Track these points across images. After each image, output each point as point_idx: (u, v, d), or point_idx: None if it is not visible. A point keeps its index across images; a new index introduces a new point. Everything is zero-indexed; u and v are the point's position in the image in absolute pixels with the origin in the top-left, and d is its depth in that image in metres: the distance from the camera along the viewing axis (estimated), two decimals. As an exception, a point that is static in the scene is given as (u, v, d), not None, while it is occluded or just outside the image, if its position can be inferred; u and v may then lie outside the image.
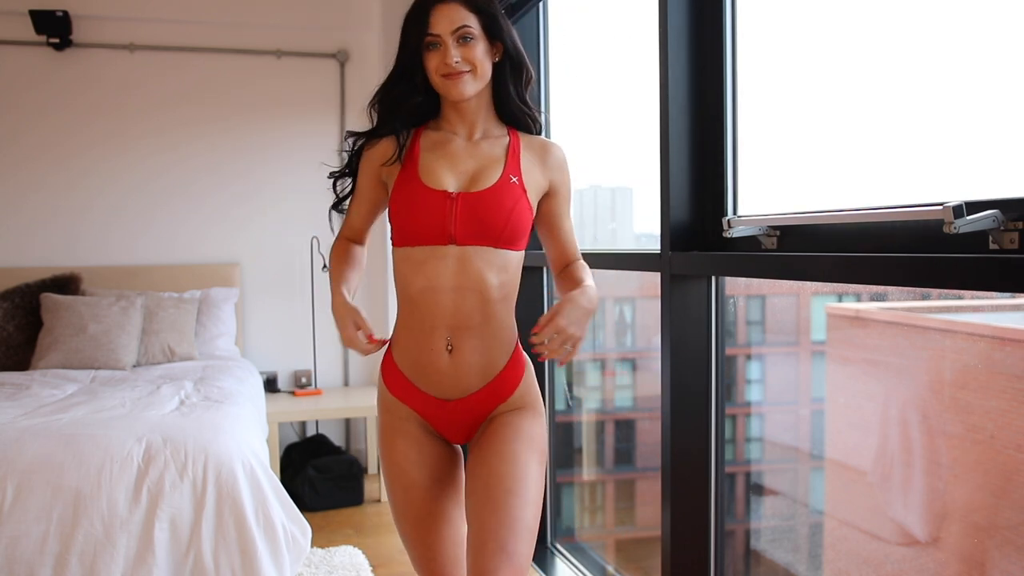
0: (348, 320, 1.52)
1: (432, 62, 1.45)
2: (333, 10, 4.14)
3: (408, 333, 1.50)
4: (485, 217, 1.42)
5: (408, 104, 1.50)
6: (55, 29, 3.70)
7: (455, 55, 1.42)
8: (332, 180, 1.62)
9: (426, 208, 1.44)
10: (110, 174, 3.91)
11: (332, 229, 1.68)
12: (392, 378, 1.53)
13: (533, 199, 1.50)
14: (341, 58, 4.16)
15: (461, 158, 1.49)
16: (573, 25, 2.99)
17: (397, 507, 1.52)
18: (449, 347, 1.46)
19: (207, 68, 4.01)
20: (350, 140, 1.58)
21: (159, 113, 3.95)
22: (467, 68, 1.43)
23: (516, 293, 1.51)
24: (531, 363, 1.58)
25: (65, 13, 3.71)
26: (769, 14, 1.93)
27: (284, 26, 4.10)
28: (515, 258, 1.49)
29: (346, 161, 1.59)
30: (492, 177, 1.46)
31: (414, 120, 1.54)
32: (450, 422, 1.53)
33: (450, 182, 1.45)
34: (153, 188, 3.97)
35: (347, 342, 1.54)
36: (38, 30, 3.69)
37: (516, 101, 1.52)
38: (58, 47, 3.76)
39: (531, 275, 2.96)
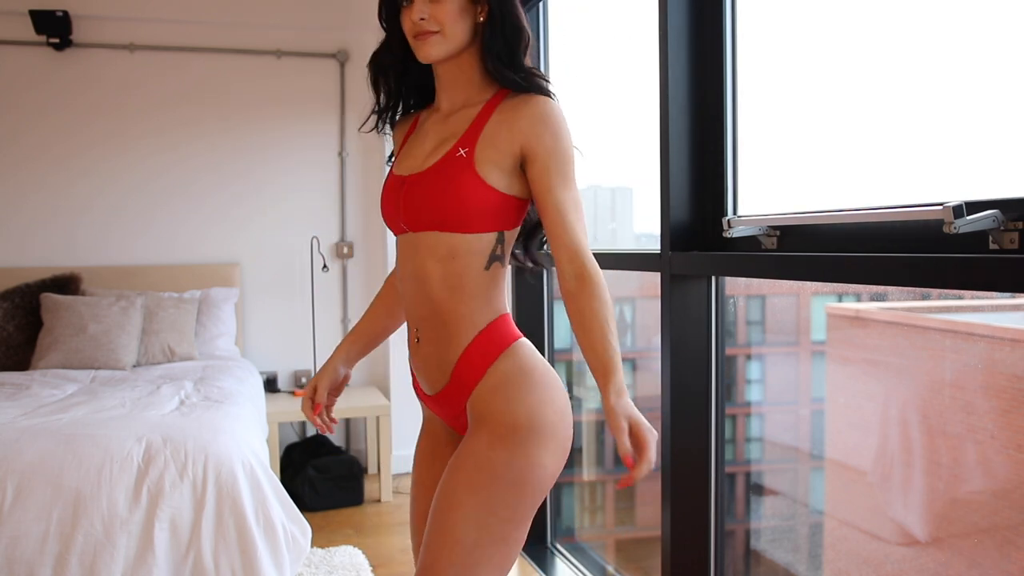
0: (312, 381, 1.54)
1: (405, 21, 1.32)
2: (333, 10, 4.14)
3: None
4: (422, 198, 1.31)
5: (383, 65, 1.41)
6: (55, 29, 3.70)
7: (421, 11, 1.28)
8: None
9: (387, 196, 1.40)
10: (110, 174, 3.92)
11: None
12: (412, 374, 1.50)
13: (492, 172, 1.28)
14: (341, 58, 4.16)
15: (429, 136, 1.38)
16: (573, 25, 3.00)
17: (410, 502, 1.51)
18: (417, 338, 1.40)
19: (207, 68, 4.01)
20: (367, 125, 1.49)
21: (159, 113, 3.95)
22: (435, 28, 1.28)
23: (474, 282, 1.32)
24: (517, 365, 1.32)
25: (65, 13, 3.71)
26: (769, 14, 1.93)
27: (284, 26, 4.10)
28: (467, 243, 1.30)
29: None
30: (441, 153, 1.32)
31: (422, 95, 1.45)
32: (449, 417, 1.45)
33: (407, 165, 1.37)
34: (153, 188, 3.97)
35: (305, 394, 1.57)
36: (38, 30, 3.69)
37: (503, 68, 1.32)
38: (58, 47, 3.76)
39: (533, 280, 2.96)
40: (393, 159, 1.48)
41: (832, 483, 2.34)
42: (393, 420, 3.89)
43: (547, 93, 1.33)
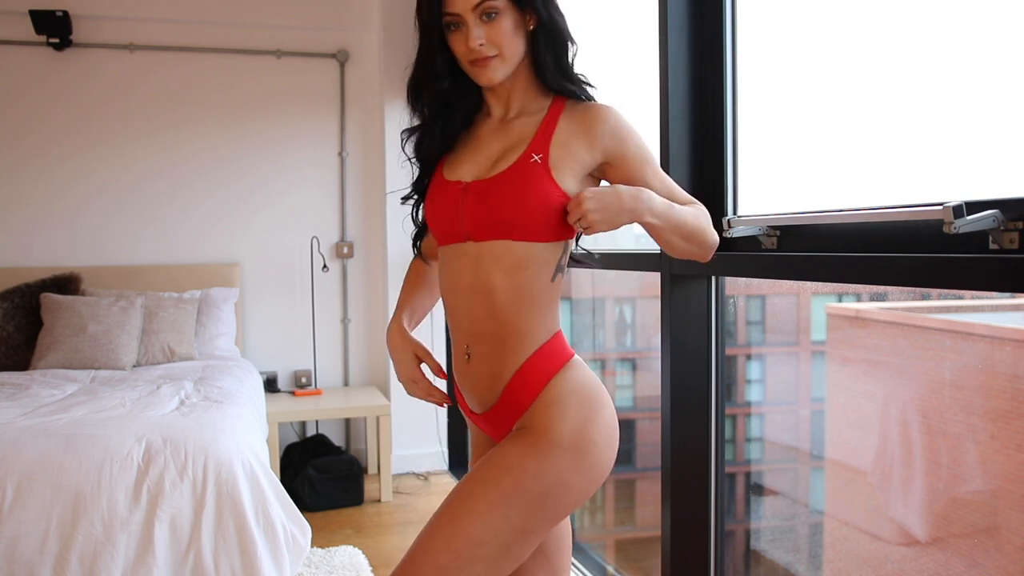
0: (405, 354, 1.42)
1: (458, 46, 1.28)
2: (333, 10, 4.14)
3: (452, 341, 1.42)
4: (495, 205, 1.26)
5: (431, 91, 1.34)
6: (55, 29, 3.70)
7: (478, 36, 1.25)
8: (404, 201, 1.47)
9: (442, 202, 1.33)
10: (110, 174, 3.92)
11: (417, 253, 1.53)
12: (457, 392, 1.44)
13: (568, 178, 1.28)
14: (341, 58, 4.16)
15: (487, 142, 1.34)
16: (572, 25, 2.99)
17: None
18: (468, 355, 1.34)
19: (207, 68, 4.01)
20: (403, 138, 1.43)
21: (159, 113, 3.95)
22: (493, 52, 1.26)
23: (542, 294, 1.30)
24: (569, 385, 1.29)
25: (65, 13, 3.71)
26: (769, 14, 1.93)
27: (284, 26, 4.10)
28: (536, 252, 1.28)
29: (417, 173, 1.44)
30: (512, 159, 1.28)
31: (461, 106, 1.38)
32: (497, 436, 1.39)
33: (467, 171, 1.32)
34: (153, 188, 3.97)
35: (402, 379, 1.44)
36: (38, 30, 3.69)
37: (555, 75, 1.32)
38: (58, 47, 3.76)
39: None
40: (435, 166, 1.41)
41: (832, 483, 2.34)
42: (393, 420, 3.89)
43: (592, 98, 1.36)
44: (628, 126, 1.32)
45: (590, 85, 1.36)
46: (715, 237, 1.34)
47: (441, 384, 1.63)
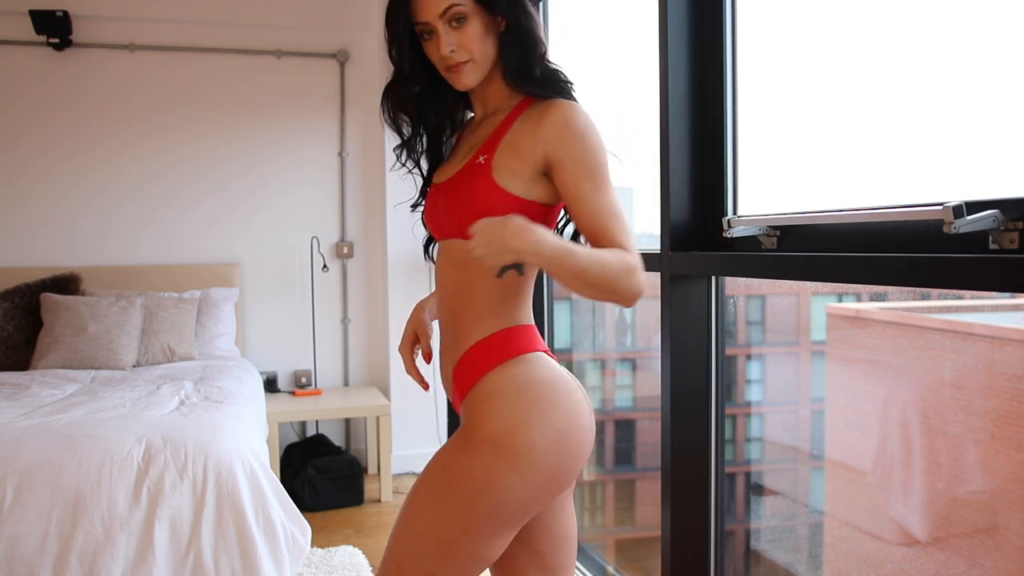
0: (408, 329, 1.53)
1: (432, 54, 1.31)
2: (333, 10, 4.14)
3: None
4: (445, 206, 1.32)
5: (401, 96, 1.38)
6: (55, 29, 3.70)
7: (449, 43, 1.26)
8: (414, 208, 1.52)
9: (426, 204, 1.42)
10: (110, 174, 3.92)
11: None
12: None
13: (509, 179, 1.25)
14: (341, 58, 4.16)
15: (465, 143, 1.39)
16: (572, 24, 2.99)
17: None
18: (441, 343, 1.44)
19: (207, 68, 4.01)
20: (396, 154, 1.46)
21: (159, 113, 3.95)
22: (464, 58, 1.28)
23: (487, 289, 1.30)
24: (512, 380, 1.27)
25: (65, 13, 3.71)
26: (769, 14, 1.93)
27: (284, 26, 4.10)
28: None
29: (421, 186, 1.49)
30: (466, 161, 1.31)
31: (438, 113, 1.42)
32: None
33: (443, 173, 1.38)
34: (153, 188, 3.97)
35: (399, 350, 1.54)
36: (38, 30, 3.69)
37: (516, 77, 1.31)
38: (58, 47, 3.76)
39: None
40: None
41: (832, 483, 2.34)
42: (393, 420, 3.89)
43: (569, 96, 1.31)
44: (579, 129, 1.23)
45: (566, 83, 1.32)
46: (633, 289, 1.17)
47: (428, 370, 1.66)
